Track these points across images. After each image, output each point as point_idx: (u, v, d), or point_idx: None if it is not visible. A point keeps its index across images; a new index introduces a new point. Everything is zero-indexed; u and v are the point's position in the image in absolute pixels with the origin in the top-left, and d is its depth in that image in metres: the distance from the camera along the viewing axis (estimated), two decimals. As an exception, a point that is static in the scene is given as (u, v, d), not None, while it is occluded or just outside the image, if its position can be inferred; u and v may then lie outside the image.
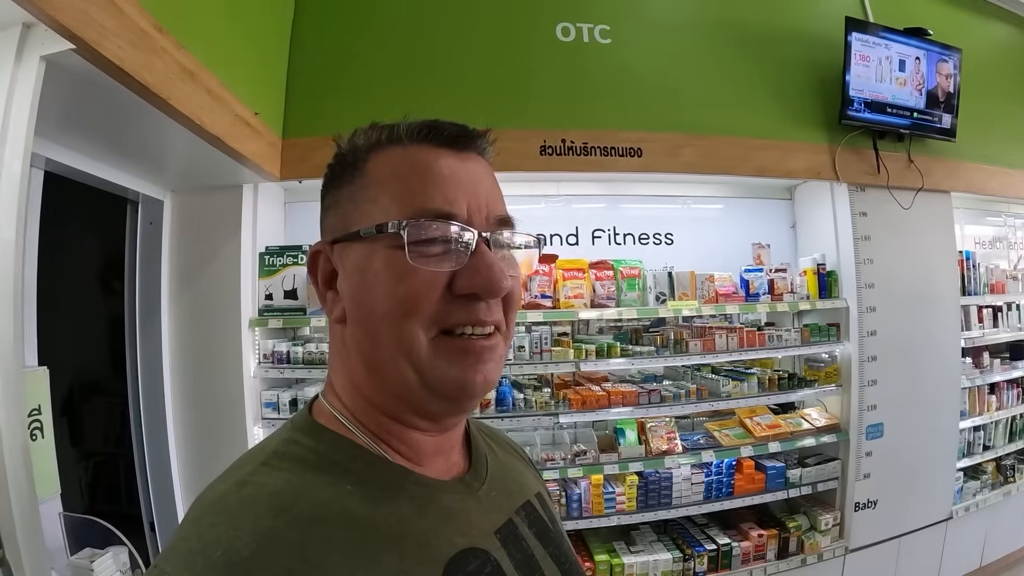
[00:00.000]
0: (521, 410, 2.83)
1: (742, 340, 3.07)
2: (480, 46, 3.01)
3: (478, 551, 0.62)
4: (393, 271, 0.60)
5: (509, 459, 0.84)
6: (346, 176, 0.66)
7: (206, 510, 0.54)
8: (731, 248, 3.48)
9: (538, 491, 0.82)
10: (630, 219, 3.50)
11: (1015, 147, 4.29)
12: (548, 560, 0.71)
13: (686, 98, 3.19)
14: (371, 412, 0.65)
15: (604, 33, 3.17)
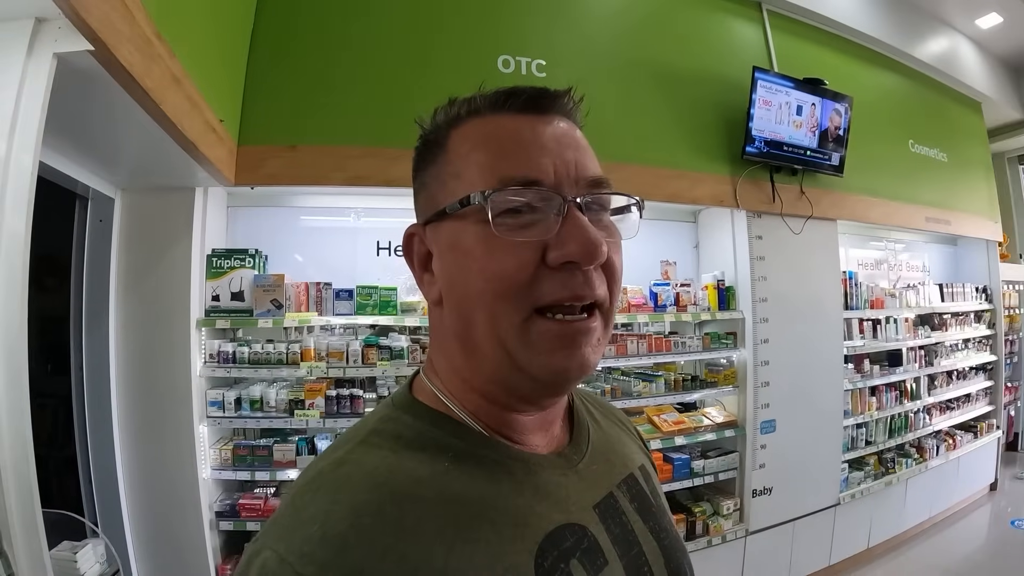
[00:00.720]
0: None
1: (651, 346, 3.44)
2: (429, 70, 3.18)
3: (575, 527, 0.61)
4: (482, 246, 0.59)
5: (613, 430, 0.83)
6: (430, 155, 0.66)
7: (305, 487, 0.56)
8: (642, 264, 3.85)
9: (642, 463, 0.81)
10: None
11: (895, 181, 4.92)
12: (648, 535, 0.70)
13: (609, 130, 3.51)
14: (470, 393, 0.65)
15: (540, 67, 3.45)
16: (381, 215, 3.40)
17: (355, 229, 3.40)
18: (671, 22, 3.94)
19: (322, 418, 2.77)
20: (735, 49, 4.13)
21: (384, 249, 3.40)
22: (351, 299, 2.89)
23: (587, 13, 3.67)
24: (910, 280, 5.48)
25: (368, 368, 2.82)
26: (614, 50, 3.69)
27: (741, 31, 4.24)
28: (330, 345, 2.78)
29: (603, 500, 0.68)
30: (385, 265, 3.33)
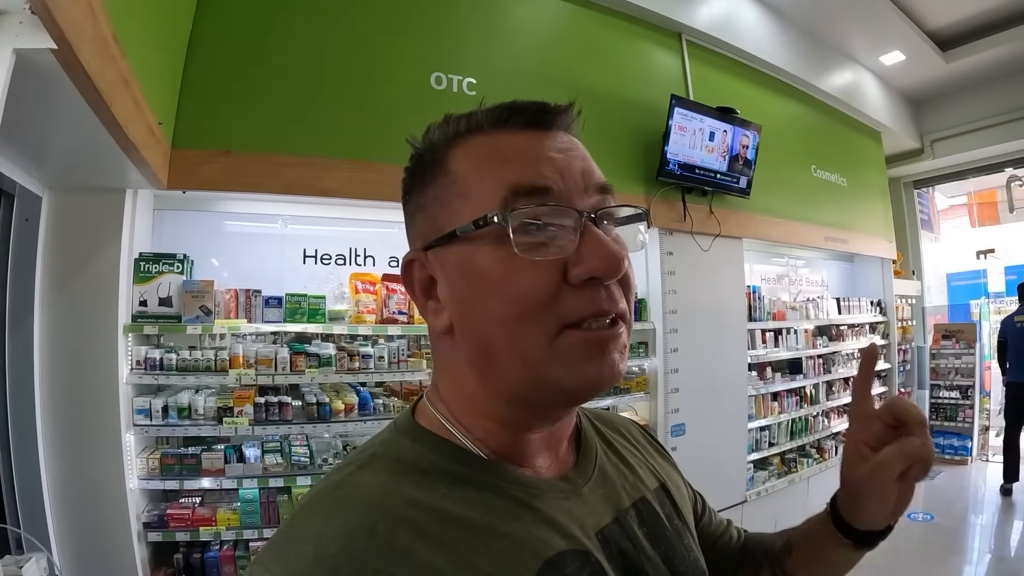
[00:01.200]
0: (381, 414, 3.12)
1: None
2: (363, 82, 3.26)
3: (577, 553, 0.60)
4: (500, 268, 0.58)
5: (630, 449, 0.82)
6: (428, 176, 0.64)
7: (303, 509, 0.57)
8: None
9: (659, 485, 0.79)
10: None
11: (798, 203, 5.37)
12: (658, 561, 0.68)
13: None
14: (481, 419, 0.64)
15: (471, 86, 3.60)
16: (309, 223, 3.45)
17: (282, 236, 3.42)
18: (597, 48, 4.21)
19: (251, 425, 2.79)
20: (655, 76, 4.46)
21: (311, 257, 3.45)
22: (280, 307, 2.95)
23: (517, 35, 3.88)
24: (810, 294, 6.01)
25: (296, 375, 2.89)
26: (542, 71, 3.90)
27: (661, 59, 4.57)
28: (259, 352, 2.84)
29: (608, 526, 0.66)
30: (312, 273, 3.38)
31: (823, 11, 5.68)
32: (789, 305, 5.24)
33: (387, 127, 3.26)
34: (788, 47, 5.62)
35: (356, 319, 3.10)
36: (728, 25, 4.98)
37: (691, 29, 4.66)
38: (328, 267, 3.45)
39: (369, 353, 3.06)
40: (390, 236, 3.69)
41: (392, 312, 3.20)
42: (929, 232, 9.44)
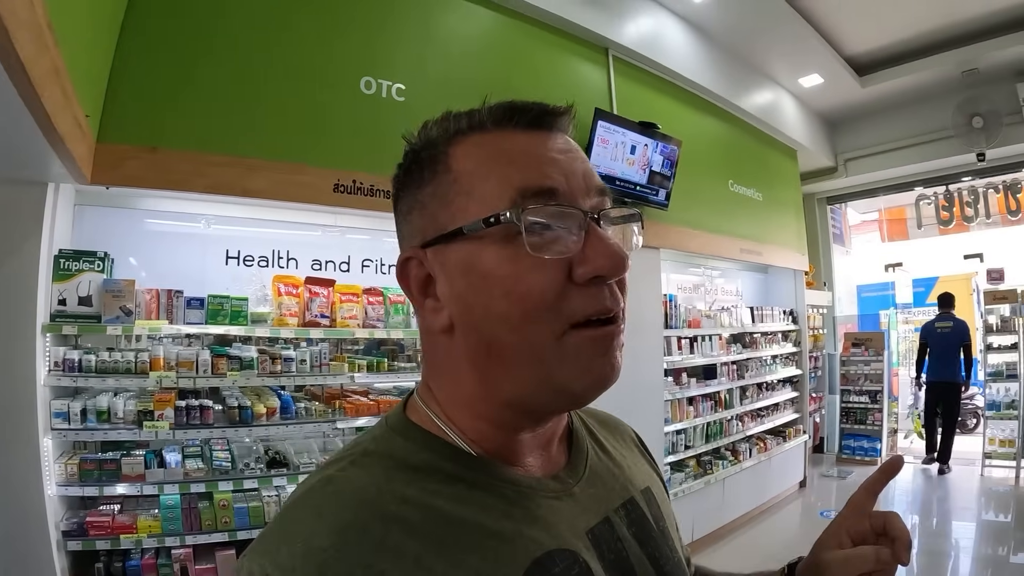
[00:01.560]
0: (303, 418, 3.17)
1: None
2: (293, 83, 3.27)
3: (566, 552, 0.61)
4: (507, 266, 0.59)
5: (620, 450, 0.84)
6: (427, 173, 0.65)
7: (293, 505, 0.58)
8: None
9: (647, 486, 0.81)
10: (394, 252, 4.01)
11: (715, 216, 5.73)
12: (645, 561, 0.70)
13: None
14: (475, 420, 0.65)
15: (400, 91, 3.67)
16: (233, 223, 3.46)
17: (205, 236, 3.41)
18: (526, 59, 4.41)
19: (172, 429, 2.78)
20: (581, 88, 4.70)
21: (233, 258, 3.47)
22: (202, 308, 2.94)
23: (448, 43, 4.01)
24: (725, 303, 6.42)
25: (218, 378, 2.91)
26: (471, 81, 4.03)
27: (588, 73, 4.83)
28: (180, 354, 2.85)
29: (598, 525, 0.68)
30: (235, 275, 3.40)
31: (747, 33, 6.09)
32: (704, 313, 5.58)
33: (315, 130, 3.33)
34: (711, 66, 5.99)
35: (278, 322, 3.15)
36: (654, 43, 5.29)
37: (618, 45, 4.94)
38: (251, 269, 3.48)
39: (291, 356, 3.13)
40: (313, 239, 3.77)
41: (315, 315, 3.27)
42: (841, 246, 10.13)
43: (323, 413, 3.24)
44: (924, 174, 8.68)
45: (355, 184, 3.38)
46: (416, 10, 3.87)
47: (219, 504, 2.83)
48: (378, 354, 3.71)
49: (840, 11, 6.16)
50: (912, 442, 9.14)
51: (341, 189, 3.33)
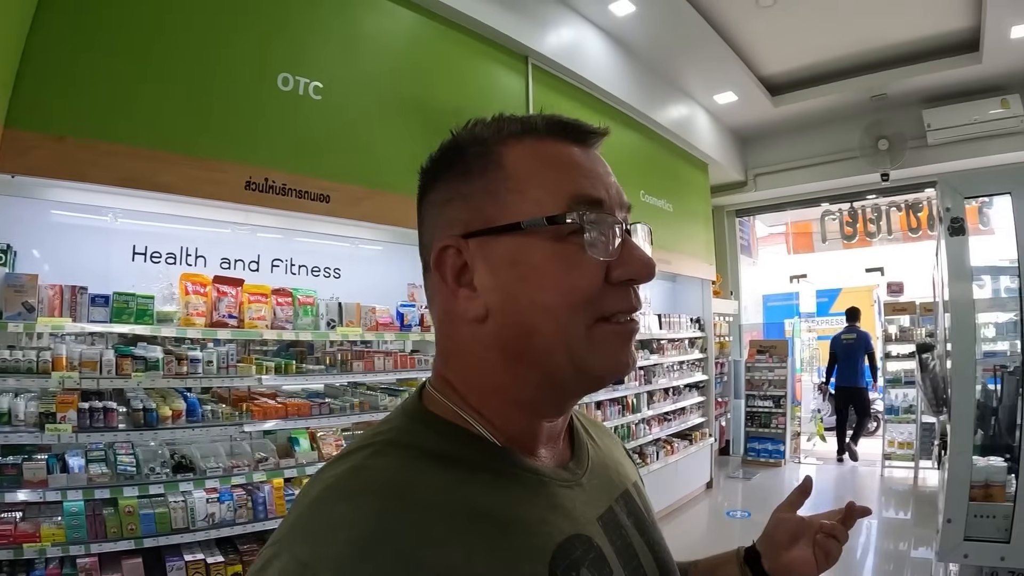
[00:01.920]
0: (209, 420, 3.15)
1: (396, 363, 3.96)
2: (210, 76, 3.26)
3: (583, 537, 0.67)
4: (557, 262, 0.65)
5: (609, 447, 0.91)
6: (475, 168, 0.69)
7: (325, 493, 0.59)
8: (390, 285, 4.36)
9: (635, 480, 0.90)
10: (305, 252, 4.18)
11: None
12: (644, 548, 0.78)
13: (372, 157, 3.92)
14: (503, 406, 0.70)
15: (317, 90, 3.69)
16: (141, 218, 3.41)
17: (111, 230, 3.36)
18: (446, 64, 4.56)
19: (75, 432, 2.70)
20: (499, 94, 4.92)
21: (140, 254, 3.44)
22: (107, 306, 2.87)
23: (368, 42, 4.08)
24: (634, 310, 6.69)
25: (123, 379, 2.88)
26: (389, 83, 4.13)
27: (507, 79, 5.05)
28: (83, 354, 2.81)
29: (605, 513, 0.75)
30: (142, 271, 3.34)
31: (667, 49, 6.48)
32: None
33: (230, 125, 3.32)
34: (630, 79, 6.34)
35: (185, 321, 3.14)
36: (574, 53, 5.57)
37: (538, 54, 5.18)
38: (158, 266, 3.46)
39: (198, 357, 3.14)
40: (223, 236, 3.78)
41: (222, 315, 3.26)
42: (748, 257, 10.82)
43: (230, 416, 3.24)
44: (830, 191, 9.41)
45: (268, 182, 3.38)
46: (338, 7, 3.92)
47: (124, 510, 2.78)
48: (287, 356, 3.76)
49: (757, 33, 6.65)
50: (815, 444, 9.83)
51: (253, 187, 3.33)
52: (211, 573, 2.91)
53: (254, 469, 3.22)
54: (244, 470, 3.18)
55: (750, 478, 8.29)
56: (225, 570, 2.96)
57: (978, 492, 2.03)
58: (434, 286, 0.72)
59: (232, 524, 3.07)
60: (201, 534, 2.97)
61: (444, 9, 4.43)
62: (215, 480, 3.06)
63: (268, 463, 3.29)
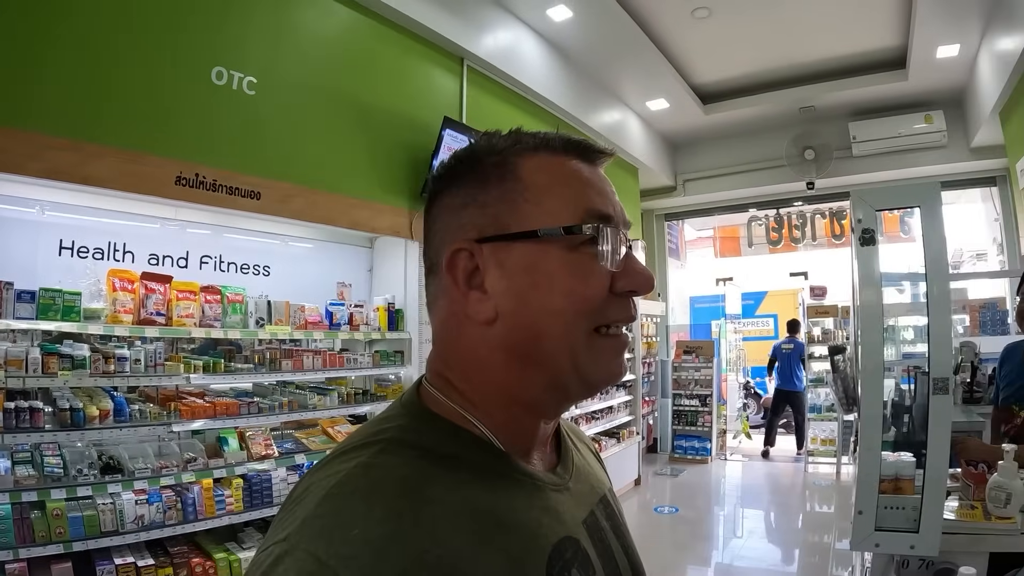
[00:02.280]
0: (137, 420, 3.20)
1: (325, 361, 4.09)
2: (142, 67, 3.27)
3: (572, 540, 0.71)
4: (570, 270, 0.69)
5: (587, 454, 0.94)
6: (492, 177, 0.72)
7: (336, 489, 0.60)
8: (320, 284, 4.50)
9: (609, 487, 0.93)
10: (235, 249, 4.26)
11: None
12: (620, 552, 0.82)
13: (303, 156, 4.03)
14: (505, 405, 0.72)
15: (251, 85, 3.77)
16: (68, 211, 3.42)
17: (38, 223, 3.34)
18: (382, 62, 4.69)
19: (1, 434, 2.73)
20: (433, 95, 5.08)
21: (67, 249, 3.45)
22: (33, 302, 2.90)
23: (303, 38, 4.16)
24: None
25: (49, 378, 2.88)
26: (323, 80, 4.24)
27: (442, 80, 5.23)
28: (8, 352, 2.80)
29: (588, 517, 0.78)
30: (68, 267, 3.35)
31: (602, 55, 6.77)
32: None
33: (161, 117, 3.35)
34: (564, 83, 6.61)
35: (112, 319, 3.18)
36: (510, 56, 5.79)
37: (474, 56, 5.38)
38: (85, 261, 3.48)
39: (125, 356, 3.18)
40: (152, 231, 3.81)
41: (150, 313, 3.31)
42: (676, 259, 11.22)
43: (158, 416, 3.29)
44: (757, 197, 9.94)
45: (198, 177, 3.44)
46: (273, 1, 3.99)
47: (52, 513, 2.79)
48: (214, 354, 3.81)
49: (691, 43, 7.00)
50: (740, 441, 10.34)
51: (184, 182, 3.38)
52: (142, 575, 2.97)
53: (183, 470, 3.28)
54: (173, 471, 3.24)
55: (677, 475, 8.67)
56: (156, 573, 3.02)
57: (889, 486, 2.23)
58: (440, 288, 0.74)
59: (162, 526, 3.12)
60: (131, 536, 3.02)
61: (382, 8, 4.57)
62: (143, 481, 3.10)
63: (197, 463, 3.35)
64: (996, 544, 2.16)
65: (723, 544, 6.25)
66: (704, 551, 6.02)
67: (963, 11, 5.93)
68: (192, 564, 3.17)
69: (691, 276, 12.46)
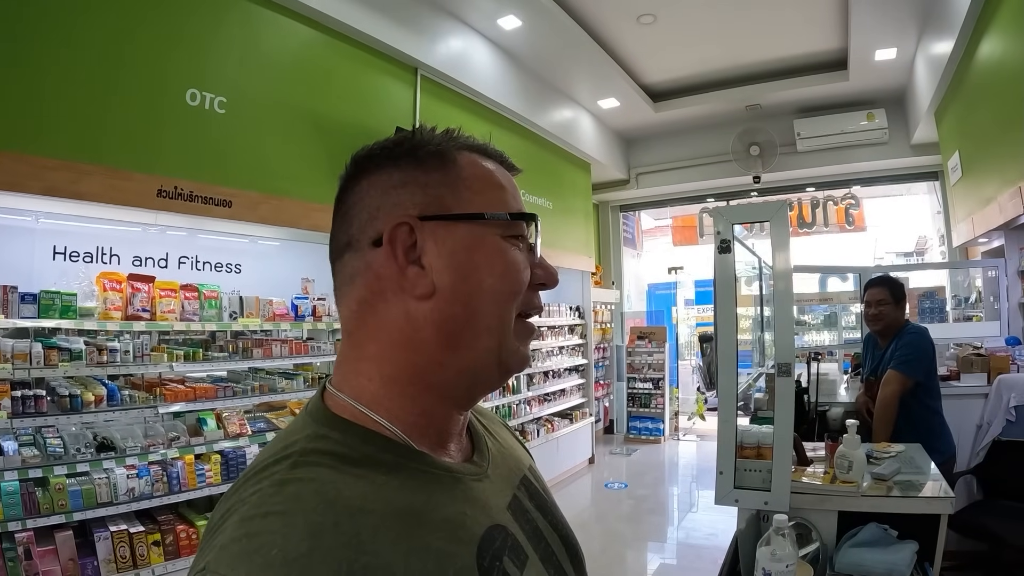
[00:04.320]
0: (127, 404, 3.60)
1: (292, 349, 4.53)
2: (125, 91, 3.62)
3: (499, 527, 0.72)
4: (508, 255, 0.74)
5: (502, 436, 0.95)
6: (434, 162, 0.76)
7: (251, 511, 0.58)
8: (286, 279, 4.92)
9: (530, 464, 0.94)
10: (209, 249, 4.69)
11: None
12: (549, 529, 0.83)
13: (270, 166, 4.45)
14: (419, 393, 0.73)
15: (222, 104, 4.16)
16: (61, 219, 3.77)
17: (33, 231, 3.70)
18: (339, 77, 5.12)
19: (9, 418, 3.08)
20: (387, 105, 5.51)
21: (60, 254, 3.85)
22: (35, 303, 3.28)
23: (268, 59, 4.54)
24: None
25: (50, 369, 3.30)
26: (285, 97, 4.64)
27: (396, 90, 5.66)
28: (15, 347, 3.20)
29: (511, 501, 0.79)
30: (62, 270, 3.72)
31: (552, 60, 7.21)
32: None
33: (144, 138, 3.74)
34: (516, 87, 7.08)
35: (104, 316, 3.60)
36: (462, 64, 6.24)
37: (427, 66, 5.81)
38: (76, 264, 3.90)
39: (116, 347, 3.60)
40: (135, 236, 4.25)
41: (137, 309, 3.73)
42: (632, 249, 11.78)
43: (145, 400, 3.73)
44: (708, 190, 10.53)
45: (177, 190, 3.82)
46: (240, 25, 4.37)
47: (55, 488, 3.15)
48: (194, 345, 4.26)
49: (639, 46, 7.45)
50: (695, 423, 10.93)
51: (164, 194, 3.76)
52: (134, 541, 3.35)
53: (168, 447, 3.69)
54: (159, 448, 3.62)
55: (631, 454, 9.29)
56: (146, 539, 3.42)
57: (751, 451, 2.53)
58: (363, 263, 0.74)
59: (151, 497, 3.52)
60: (123, 507, 3.40)
61: (339, 25, 4.97)
62: (134, 458, 3.48)
63: (180, 441, 3.77)
64: (841, 503, 2.43)
65: (669, 516, 6.83)
66: (650, 523, 6.54)
67: (898, 18, 6.31)
68: (177, 530, 3.57)
69: (649, 264, 13.12)
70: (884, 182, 10.18)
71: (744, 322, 3.61)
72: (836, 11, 6.68)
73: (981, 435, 4.58)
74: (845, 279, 6.73)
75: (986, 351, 5.11)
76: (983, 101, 5.36)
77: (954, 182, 6.85)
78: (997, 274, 6.14)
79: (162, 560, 3.47)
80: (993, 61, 4.90)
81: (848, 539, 2.35)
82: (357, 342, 0.75)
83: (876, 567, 2.16)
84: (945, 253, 8.64)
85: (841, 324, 6.56)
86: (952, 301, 7.52)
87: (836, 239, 12.63)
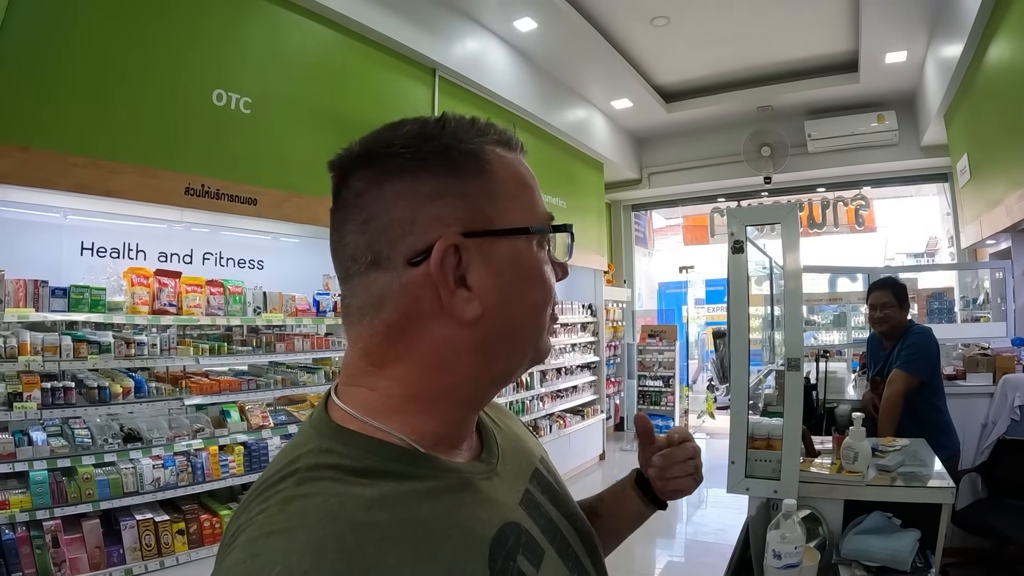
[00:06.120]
0: (154, 396, 3.66)
1: (313, 344, 4.59)
2: (154, 92, 3.69)
3: (512, 525, 0.69)
4: (544, 267, 0.73)
5: (511, 428, 0.92)
6: (469, 168, 0.68)
7: (255, 534, 0.57)
8: (307, 275, 4.96)
9: (541, 456, 0.92)
10: (232, 246, 4.73)
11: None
12: (564, 521, 0.81)
13: (292, 165, 4.48)
14: (437, 405, 0.70)
15: (247, 104, 4.21)
16: (88, 215, 3.83)
17: (62, 227, 3.75)
18: (360, 78, 5.17)
19: (39, 409, 3.11)
20: (406, 106, 5.53)
21: (88, 250, 3.89)
22: (65, 297, 3.32)
23: (291, 60, 4.61)
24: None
25: (80, 361, 3.35)
26: (308, 97, 4.70)
27: (415, 91, 5.71)
28: (45, 340, 3.24)
29: (524, 496, 0.77)
30: (89, 265, 3.80)
31: (567, 61, 7.25)
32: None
33: (172, 137, 3.80)
34: (531, 87, 7.11)
35: (132, 310, 3.66)
36: (479, 65, 6.28)
37: (445, 67, 5.85)
38: (103, 260, 3.96)
39: (143, 341, 3.66)
40: (161, 232, 4.31)
41: (163, 304, 3.78)
42: (644, 248, 11.79)
43: (171, 392, 3.79)
44: (719, 190, 10.52)
45: (204, 188, 3.88)
46: (264, 27, 4.44)
47: (82, 477, 3.20)
48: (217, 339, 4.31)
49: (652, 48, 7.47)
50: (704, 421, 10.91)
51: (192, 192, 3.82)
52: (159, 530, 3.40)
53: (193, 438, 3.74)
54: (184, 439, 3.70)
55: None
56: (170, 528, 3.47)
57: (761, 443, 2.58)
58: (399, 285, 0.67)
59: (175, 487, 3.57)
60: (149, 496, 3.44)
61: (360, 27, 5.02)
62: (160, 448, 3.55)
63: (204, 433, 3.81)
64: (847, 492, 2.47)
65: (678, 512, 6.77)
66: (658, 519, 6.45)
67: (908, 21, 6.30)
68: (201, 520, 3.62)
69: (660, 263, 13.13)
70: (894, 183, 10.14)
71: (754, 321, 3.64)
72: (847, 14, 6.68)
73: (986, 434, 4.60)
74: (854, 279, 6.74)
75: (992, 351, 5.12)
76: (991, 105, 5.36)
77: (963, 184, 6.83)
78: (1004, 275, 6.15)
79: (186, 548, 3.53)
80: (1001, 65, 4.89)
81: (853, 526, 2.38)
82: (377, 361, 0.70)
83: (880, 553, 2.20)
84: (955, 254, 8.59)
85: (850, 324, 6.56)
86: (960, 302, 7.51)
87: (846, 240, 12.60)
